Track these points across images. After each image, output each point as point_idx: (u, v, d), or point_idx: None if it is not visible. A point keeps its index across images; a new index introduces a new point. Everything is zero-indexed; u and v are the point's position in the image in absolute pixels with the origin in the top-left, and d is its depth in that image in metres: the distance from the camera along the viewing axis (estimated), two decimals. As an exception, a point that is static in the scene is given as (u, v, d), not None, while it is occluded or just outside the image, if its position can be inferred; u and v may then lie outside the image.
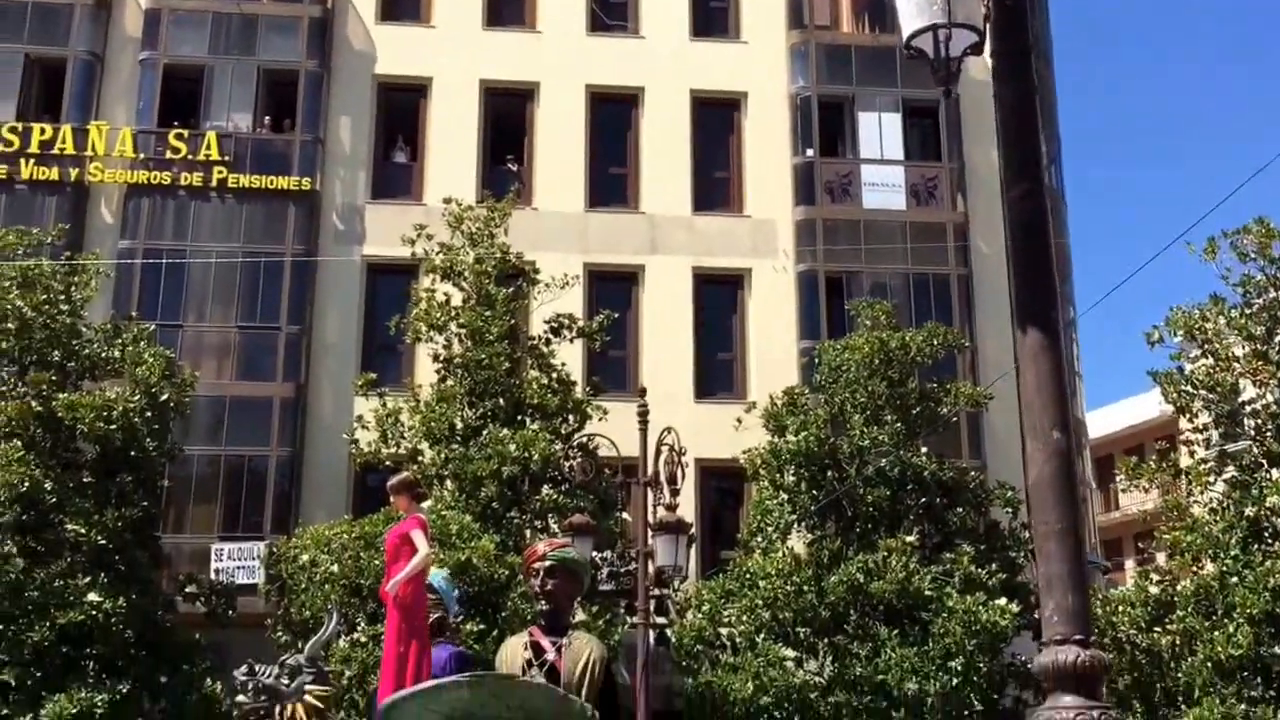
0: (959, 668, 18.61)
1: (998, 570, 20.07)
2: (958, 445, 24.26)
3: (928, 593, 19.22)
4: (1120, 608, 18.98)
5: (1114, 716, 4.40)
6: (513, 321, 21.07)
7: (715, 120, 28.12)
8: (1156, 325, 19.52)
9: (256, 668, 7.12)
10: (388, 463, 19.99)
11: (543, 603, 7.94)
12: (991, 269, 26.31)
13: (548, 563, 8.01)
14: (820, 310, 26.08)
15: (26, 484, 18.53)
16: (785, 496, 20.92)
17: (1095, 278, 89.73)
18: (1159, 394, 20.51)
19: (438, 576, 8.36)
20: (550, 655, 7.74)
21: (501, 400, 20.18)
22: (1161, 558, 21.07)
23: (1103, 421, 39.71)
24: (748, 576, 20.10)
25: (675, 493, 14.44)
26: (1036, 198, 4.91)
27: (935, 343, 21.56)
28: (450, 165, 26.36)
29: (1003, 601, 19.13)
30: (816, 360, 22.49)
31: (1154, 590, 19.22)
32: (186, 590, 21.11)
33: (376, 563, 17.86)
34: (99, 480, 19.73)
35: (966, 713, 19.39)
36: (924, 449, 21.00)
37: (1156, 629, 18.38)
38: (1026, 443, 4.75)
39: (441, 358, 20.80)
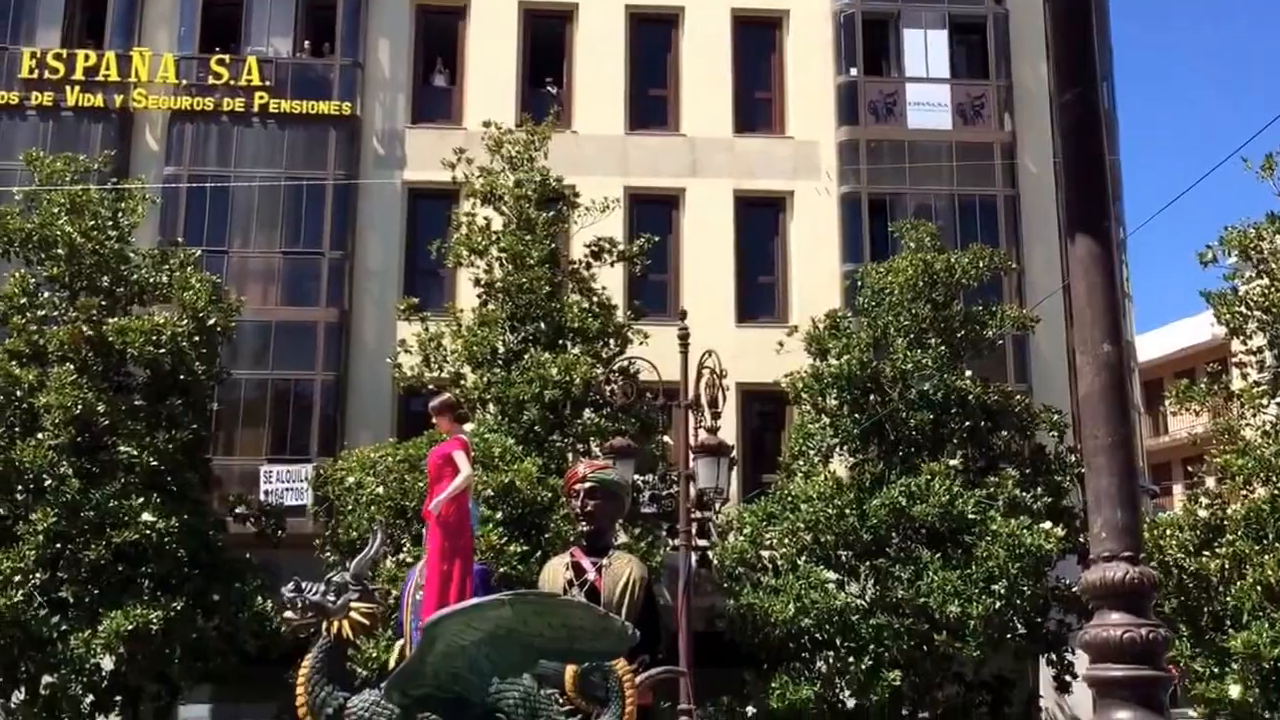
0: (1002, 591, 18.63)
1: (1043, 494, 19.99)
2: (1003, 369, 24.05)
3: (971, 516, 19.18)
4: (1168, 531, 18.85)
5: (1162, 634, 4.33)
6: (553, 246, 21.04)
7: (756, 40, 27.65)
8: (1210, 245, 19.11)
9: (303, 585, 7.14)
10: (430, 386, 20.12)
11: (583, 524, 7.98)
12: (1039, 189, 25.88)
13: (588, 484, 8.03)
14: (863, 233, 25.79)
15: (80, 407, 18.90)
16: (827, 420, 20.89)
17: (1146, 200, 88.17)
18: (1211, 315, 20.16)
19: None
20: (590, 575, 7.79)
21: (542, 324, 20.22)
22: (1211, 482, 20.84)
23: (1153, 345, 39.20)
24: (789, 500, 20.16)
25: (716, 415, 14.44)
26: (1089, 102, 4.75)
27: (981, 265, 21.30)
28: (490, 89, 26.15)
29: (1047, 525, 19.08)
30: (859, 283, 22.30)
31: (1203, 514, 19.02)
32: (237, 511, 21.52)
33: (420, 485, 18.05)
34: (150, 403, 20.07)
35: (1009, 636, 19.47)
36: (968, 372, 20.86)
37: (1205, 553, 18.24)
38: (1076, 356, 4.64)
39: (482, 282, 20.84)
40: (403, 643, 8.07)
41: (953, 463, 19.86)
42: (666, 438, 20.92)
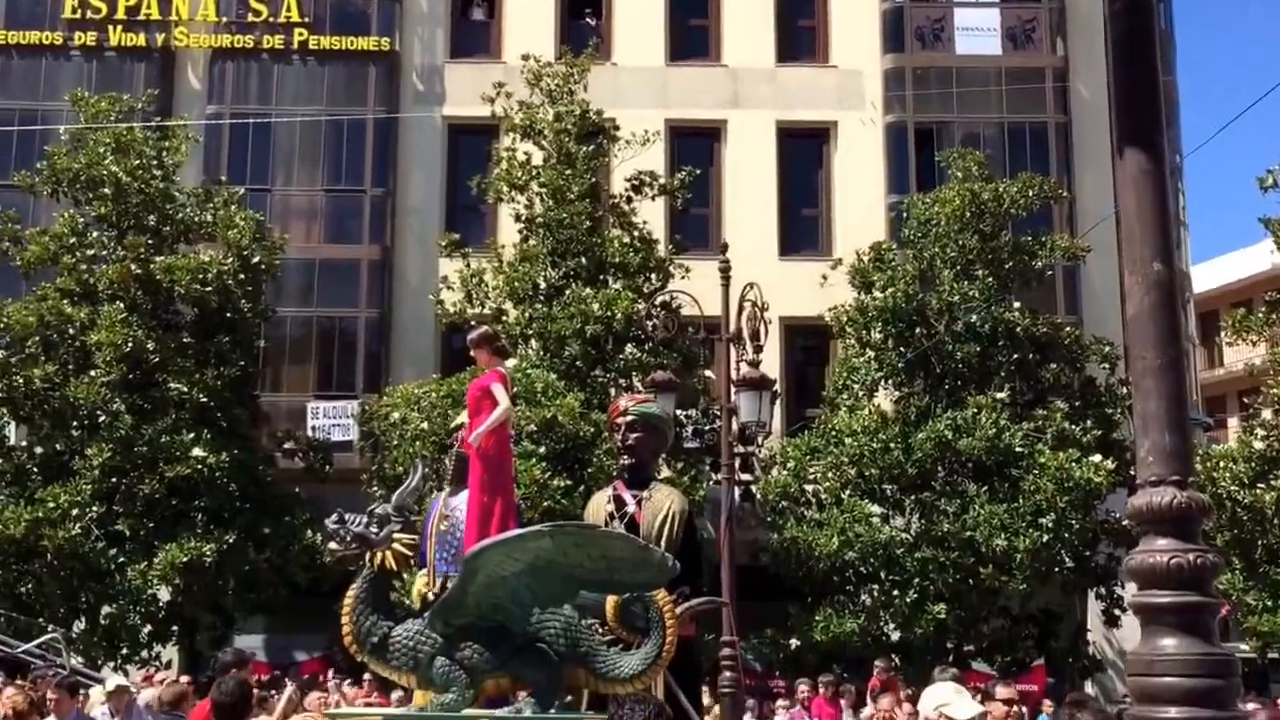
0: (1049, 525, 18.51)
1: (1092, 427, 19.76)
2: (1052, 300, 23.67)
3: (1018, 449, 19.03)
4: (1222, 464, 18.59)
5: (1211, 559, 4.23)
6: (593, 180, 20.91)
7: (798, -35, 27.09)
8: (1271, 169, 18.61)
9: (346, 517, 7.21)
10: (472, 323, 20.14)
11: (625, 457, 7.97)
12: (1092, 116, 25.27)
13: (629, 417, 8.01)
14: (909, 163, 25.37)
15: (130, 344, 19.20)
16: (872, 354, 20.74)
17: (1203, 126, 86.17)
18: (1270, 244, 19.71)
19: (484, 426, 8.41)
20: (630, 508, 7.78)
21: (584, 259, 20.16)
22: (1268, 413, 20.49)
23: (1209, 275, 38.45)
24: (833, 434, 20.09)
25: (758, 349, 14.32)
26: (1142, 12, 4.57)
27: (1030, 194, 20.93)
28: (528, 21, 25.87)
29: (1097, 459, 18.88)
30: (905, 215, 22.00)
31: (1259, 446, 18.71)
32: (285, 446, 21.82)
33: (464, 419, 18.15)
34: (198, 341, 20.34)
35: (1056, 570, 19.37)
36: (1017, 304, 20.59)
37: (1260, 485, 18.00)
38: (1125, 275, 4.50)
39: (523, 217, 20.78)
40: (426, 574, 8.11)
41: (1000, 396, 19.67)
42: (709, 372, 20.86)
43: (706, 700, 11.90)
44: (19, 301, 20.05)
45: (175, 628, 20.07)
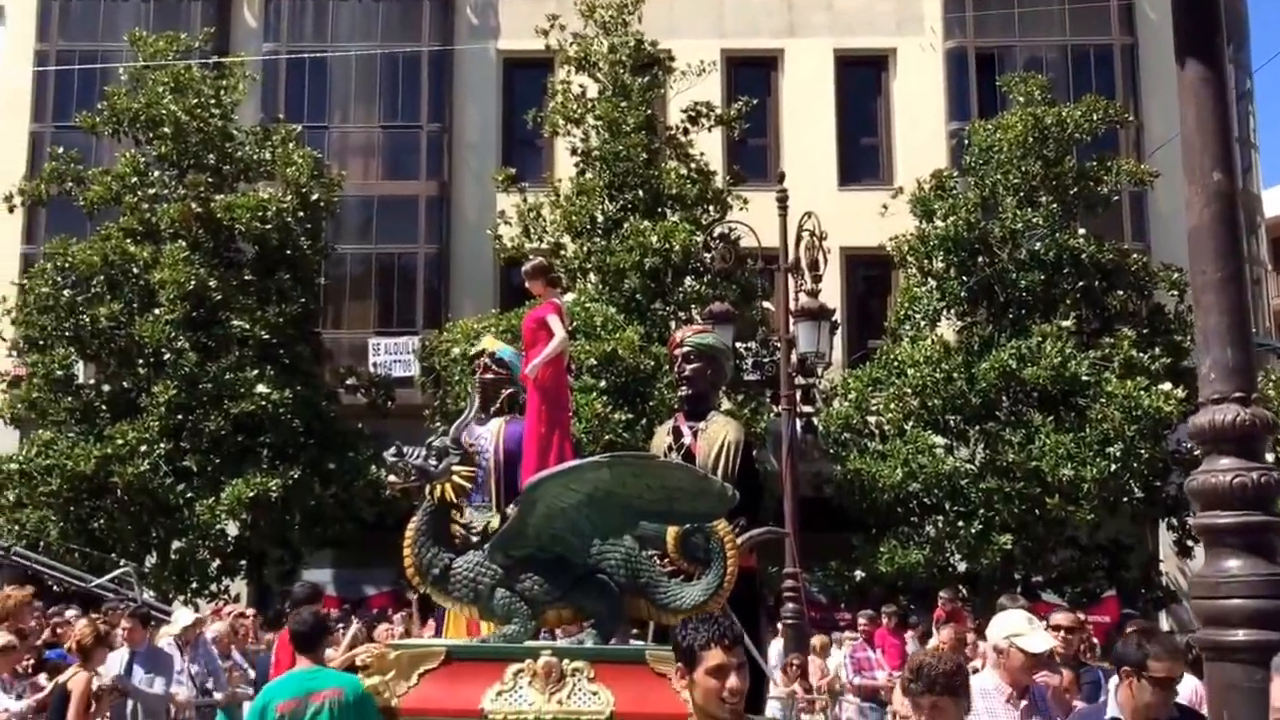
0: (1118, 454, 18.26)
1: (1161, 355, 19.37)
2: (1119, 226, 23.15)
3: (1085, 378, 18.74)
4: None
5: (1275, 477, 4.09)
6: (649, 112, 20.69)
7: (855, -114, 26.40)
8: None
9: (405, 449, 7.23)
10: (530, 257, 20.12)
11: (683, 389, 7.94)
12: (1159, 37, 24.43)
13: (685, 349, 7.95)
14: (970, 89, 24.81)
15: (193, 282, 19.42)
16: (934, 283, 20.48)
17: (1274, 43, 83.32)
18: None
19: (507, 350, 8.37)
20: (687, 439, 7.74)
21: (641, 192, 20.02)
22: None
23: (1280, 200, 37.38)
24: (895, 364, 19.91)
25: (817, 279, 14.15)
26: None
27: (1095, 118, 20.41)
28: (581, -50, 25.46)
29: (1166, 387, 18.53)
30: (966, 142, 21.55)
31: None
32: (347, 383, 22.02)
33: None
34: (259, 278, 20.51)
35: (1125, 500, 19.13)
36: (1082, 231, 20.19)
37: (1329, 407, 17.60)
38: (1186, 187, 4.34)
39: (579, 151, 20.64)
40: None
41: (1065, 324, 19.35)
42: (767, 304, 20.72)
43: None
44: (84, 241, 20.31)
45: (243, 562, 20.45)
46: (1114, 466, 18.33)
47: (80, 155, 21.33)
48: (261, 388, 19.30)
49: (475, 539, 7.73)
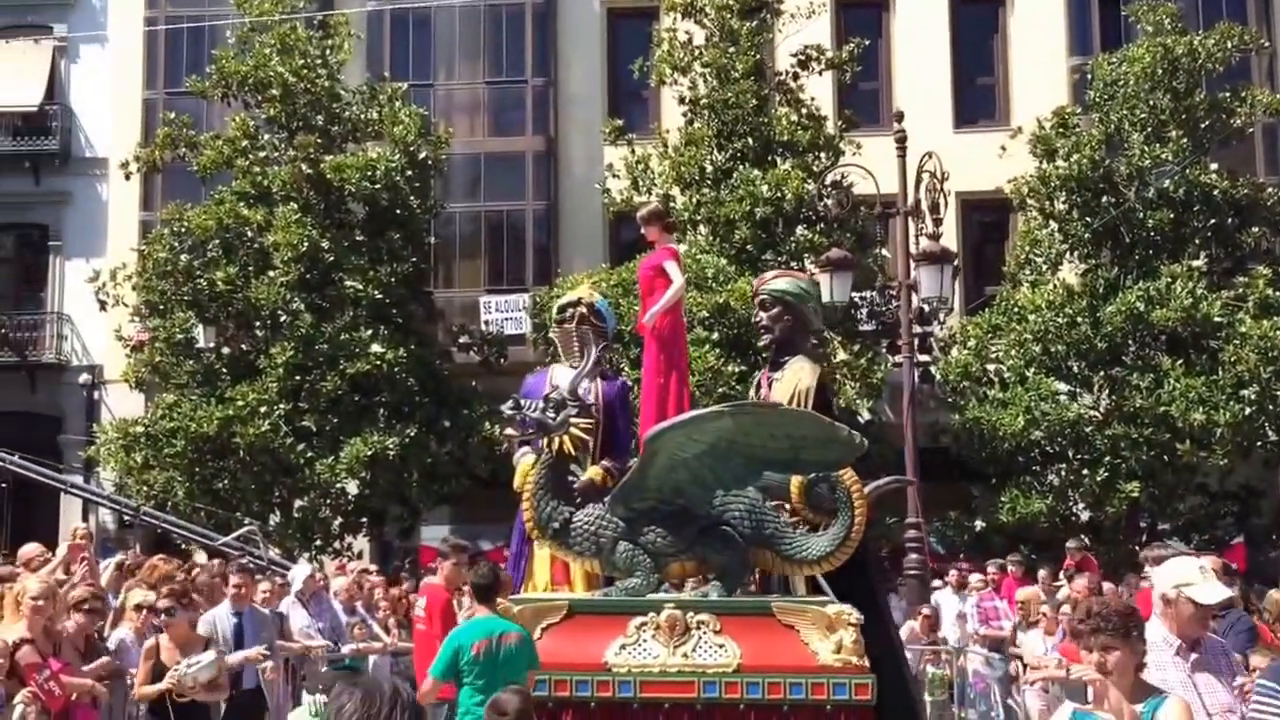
0: (1252, 397, 17.54)
1: (1299, 293, 18.51)
2: (1253, 161, 22.05)
3: (1217, 319, 17.98)
4: None
5: None
6: (758, 57, 20.23)
7: None
8: None
9: (522, 402, 7.12)
10: (645, 204, 19.93)
11: (764, 337, 7.62)
12: (1296, -42, 23.19)
13: (762, 296, 7.60)
14: (1092, 21, 23.73)
15: (306, 244, 19.63)
16: (1055, 225, 19.78)
17: None
18: None
19: (603, 302, 8.13)
20: (765, 391, 7.31)
21: (751, 140, 19.64)
22: None
23: None
24: (1015, 310, 19.35)
25: (938, 221, 13.68)
26: None
27: (1229, 46, 19.41)
28: (684, -106, 24.94)
29: (1304, 326, 17.69)
30: (1089, 77, 20.68)
31: None
32: (460, 341, 22.13)
33: (635, 308, 18.05)
34: (370, 238, 20.65)
35: (1259, 444, 18.37)
36: (1213, 166, 19.32)
37: None
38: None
39: (687, 100, 20.30)
40: (532, 457, 8.00)
41: (1195, 264, 18.60)
42: (884, 251, 20.25)
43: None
44: (199, 206, 20.64)
45: (364, 519, 20.76)
46: (1248, 410, 17.59)
47: (192, 120, 21.61)
48: (376, 347, 19.47)
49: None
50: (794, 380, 7.02)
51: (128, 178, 22.17)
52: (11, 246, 26.91)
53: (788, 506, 6.76)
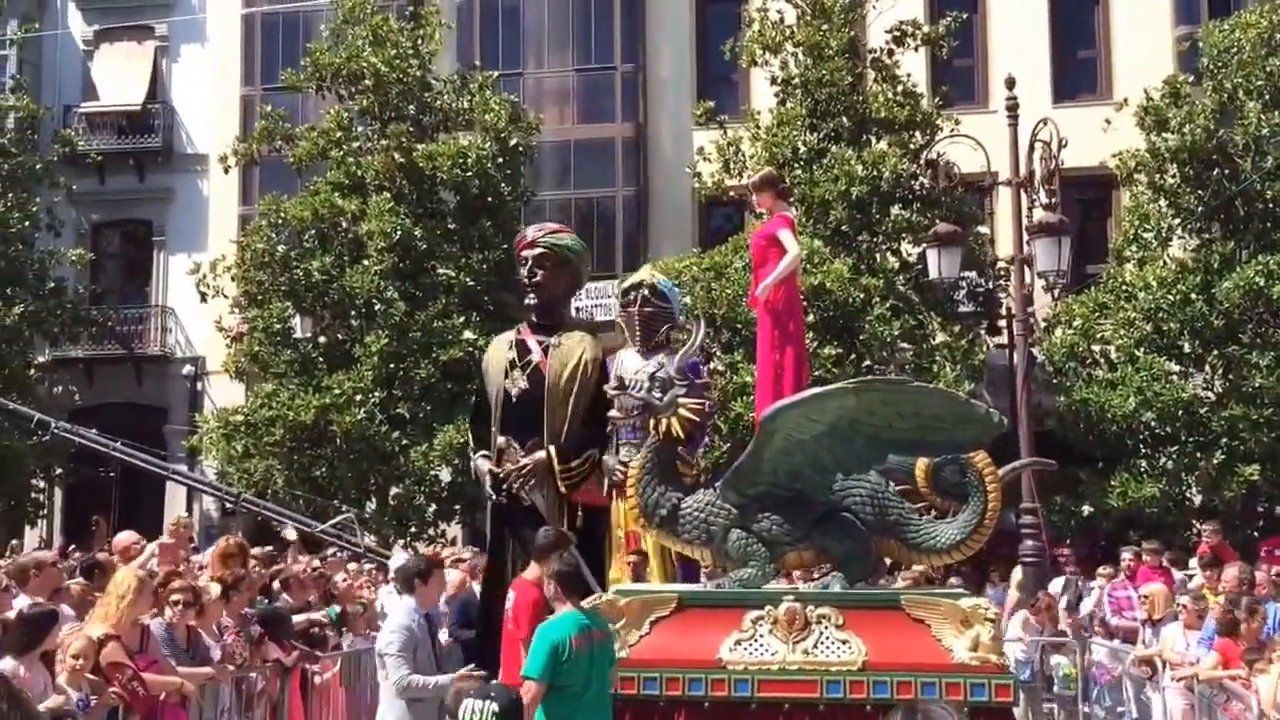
0: (1379, 374, 16.71)
1: None
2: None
3: (1340, 294, 17.17)
4: None
5: None
6: (851, 34, 19.80)
7: None
8: None
9: (626, 381, 6.85)
10: (731, 194, 19.68)
11: (530, 296, 7.01)
12: None
13: (537, 250, 6.97)
14: (1200, -11, 22.91)
15: (399, 233, 19.69)
16: (1165, 201, 19.05)
17: None
18: None
19: (665, 282, 7.83)
20: (535, 355, 6.92)
21: (844, 119, 19.24)
22: None
23: None
24: (1123, 289, 18.68)
25: (1051, 193, 13.12)
26: None
27: (1350, 8, 18.52)
28: None
29: None
30: (1199, 45, 19.88)
31: None
32: (551, 328, 22.00)
33: (728, 292, 17.85)
34: (462, 227, 20.68)
35: (1393, 425, 17.55)
36: (1337, 132, 18.41)
37: None
38: None
39: (779, 80, 19.94)
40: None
41: (1318, 236, 17.74)
42: (982, 228, 19.72)
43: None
44: (295, 197, 20.81)
45: (457, 506, 20.76)
46: (1375, 389, 16.79)
47: (288, 114, 21.82)
48: (468, 334, 19.45)
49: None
50: (579, 349, 6.74)
51: (226, 171, 22.47)
52: (118, 242, 27.51)
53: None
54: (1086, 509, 18.57)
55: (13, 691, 3.75)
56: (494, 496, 6.62)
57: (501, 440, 6.59)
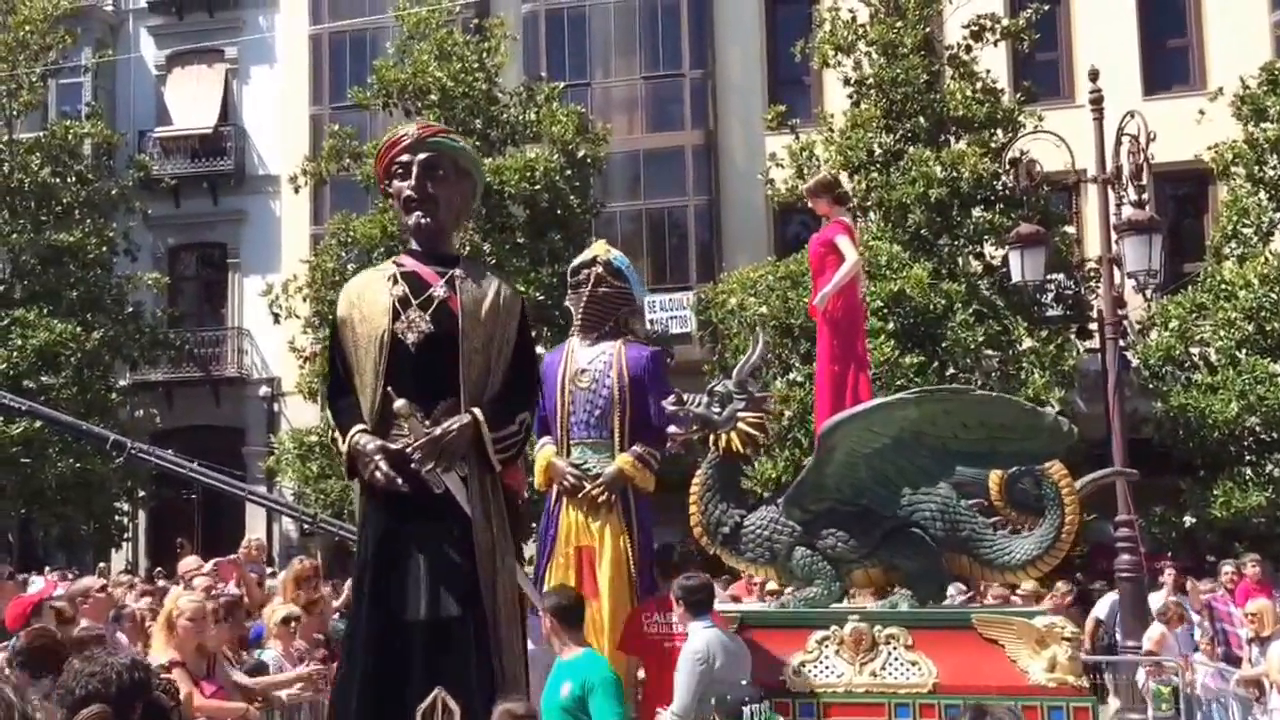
0: None
1: None
2: None
3: None
4: None
5: None
6: (927, 30, 19.23)
7: None
8: None
9: (685, 397, 6.60)
10: (805, 200, 19.17)
11: (418, 214, 5.08)
12: None
13: (425, 155, 5.06)
14: (1296, -27, 21.93)
15: (468, 248, 19.47)
16: (1265, 193, 18.16)
17: None
18: None
19: (622, 259, 7.33)
20: (438, 290, 5.04)
21: (922, 118, 18.68)
22: None
23: None
24: (1222, 288, 17.81)
25: (1141, 189, 12.46)
26: None
27: None
28: None
29: None
30: (1297, 29, 18.99)
31: None
32: (625, 341, 21.70)
33: (804, 301, 17.36)
34: (531, 240, 20.48)
35: None
36: None
37: None
38: None
39: (852, 80, 19.43)
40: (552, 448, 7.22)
41: None
42: (1069, 228, 18.99)
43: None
44: (364, 216, 20.75)
45: (534, 525, 20.49)
46: None
47: (356, 132, 21.81)
48: (540, 350, 19.16)
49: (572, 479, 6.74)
50: (492, 284, 5.21)
51: (296, 191, 22.55)
52: (194, 265, 27.89)
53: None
54: (1188, 520, 17.72)
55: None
56: (397, 483, 4.70)
57: (401, 404, 4.71)
